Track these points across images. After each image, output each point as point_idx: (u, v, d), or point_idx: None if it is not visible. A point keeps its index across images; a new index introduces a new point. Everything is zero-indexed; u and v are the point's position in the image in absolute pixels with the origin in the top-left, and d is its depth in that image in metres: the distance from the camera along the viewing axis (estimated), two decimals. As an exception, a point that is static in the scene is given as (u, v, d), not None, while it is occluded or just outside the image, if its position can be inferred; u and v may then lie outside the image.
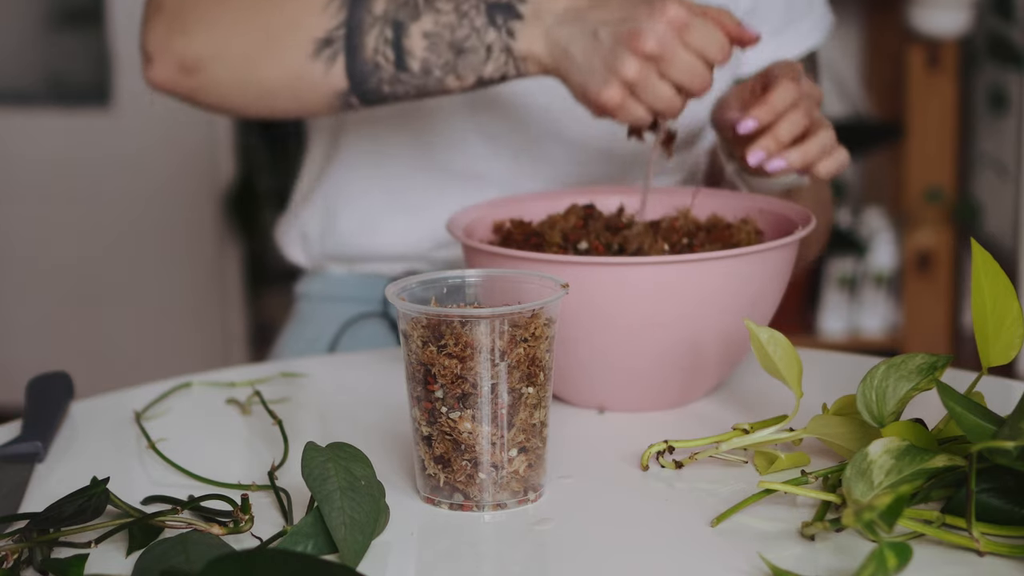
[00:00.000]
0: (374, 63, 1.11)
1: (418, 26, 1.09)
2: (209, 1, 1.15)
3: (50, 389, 1.04)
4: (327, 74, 1.12)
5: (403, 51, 1.10)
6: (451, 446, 0.84)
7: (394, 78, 1.11)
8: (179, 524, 0.80)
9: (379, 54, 1.10)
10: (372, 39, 1.10)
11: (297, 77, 1.13)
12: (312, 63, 1.12)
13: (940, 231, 2.98)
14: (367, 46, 1.10)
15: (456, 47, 1.09)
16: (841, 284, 3.04)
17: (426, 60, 1.10)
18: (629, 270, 0.95)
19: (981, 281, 0.85)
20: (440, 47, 1.09)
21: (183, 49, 1.15)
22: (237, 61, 1.14)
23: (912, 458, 0.79)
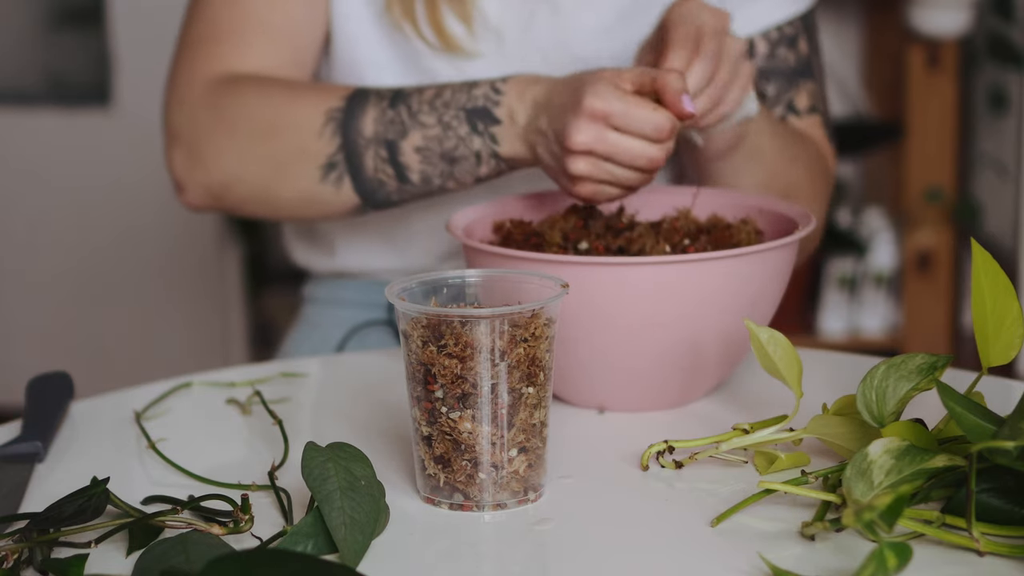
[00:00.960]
0: (377, 180, 1.17)
1: (408, 143, 1.15)
2: (218, 133, 1.21)
3: (50, 389, 1.04)
4: (338, 193, 1.18)
5: (401, 167, 1.15)
6: (451, 446, 0.84)
7: (400, 190, 1.17)
8: (179, 524, 0.80)
9: (380, 172, 1.16)
10: (370, 160, 1.16)
11: (312, 198, 1.20)
12: (322, 185, 1.18)
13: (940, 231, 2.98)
14: (367, 166, 1.16)
15: (448, 157, 1.14)
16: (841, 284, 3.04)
17: (424, 172, 1.15)
18: (629, 270, 0.95)
19: (981, 281, 0.85)
20: (433, 159, 1.15)
21: (205, 179, 1.22)
22: (255, 186, 1.21)
23: (912, 458, 0.79)
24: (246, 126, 1.20)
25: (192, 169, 1.22)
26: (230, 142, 1.20)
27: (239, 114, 1.20)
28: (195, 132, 1.22)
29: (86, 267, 3.14)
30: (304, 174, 1.18)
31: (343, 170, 1.17)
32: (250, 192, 1.21)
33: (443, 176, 1.15)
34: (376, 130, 1.15)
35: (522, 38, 1.25)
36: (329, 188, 1.18)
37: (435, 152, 1.14)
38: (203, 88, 1.22)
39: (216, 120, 1.21)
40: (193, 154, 1.22)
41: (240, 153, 1.20)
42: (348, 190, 1.18)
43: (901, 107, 2.99)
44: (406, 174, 1.15)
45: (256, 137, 1.19)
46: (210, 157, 1.21)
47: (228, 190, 1.22)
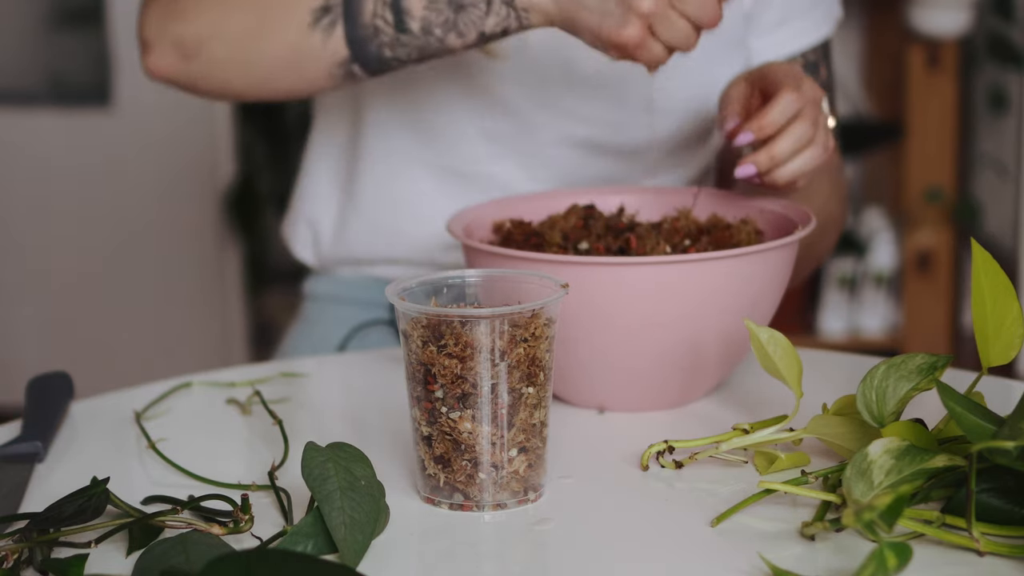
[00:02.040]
0: (373, 27, 1.09)
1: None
2: None
3: (50, 389, 1.04)
4: (327, 43, 1.10)
5: (402, 12, 1.08)
6: (451, 446, 0.84)
7: (395, 41, 1.09)
8: (179, 524, 0.80)
9: (378, 17, 1.09)
10: (370, 2, 1.09)
11: (297, 50, 1.11)
12: (311, 34, 1.10)
13: (940, 231, 2.98)
14: (365, 10, 1.09)
15: (455, 3, 1.07)
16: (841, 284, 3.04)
17: (425, 19, 1.08)
18: (629, 270, 0.95)
19: (981, 281, 0.85)
20: (439, 4, 1.07)
21: (180, 32, 1.13)
22: (236, 39, 1.13)
23: (912, 458, 0.79)
24: None
25: (167, 22, 1.14)
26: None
27: None
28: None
29: (86, 267, 3.14)
30: (293, 19, 1.10)
31: (338, 14, 1.09)
32: (226, 50, 1.13)
33: (445, 26, 1.07)
34: None
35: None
36: (318, 36, 1.10)
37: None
38: None
39: None
40: (172, 6, 1.14)
41: (226, 1, 1.13)
42: (338, 39, 1.10)
43: (901, 107, 2.99)
44: (405, 20, 1.08)
45: None
46: (190, 8, 1.13)
47: (202, 48, 1.13)
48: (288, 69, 1.13)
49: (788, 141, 1.04)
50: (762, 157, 1.04)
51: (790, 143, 1.04)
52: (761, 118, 1.04)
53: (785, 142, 1.04)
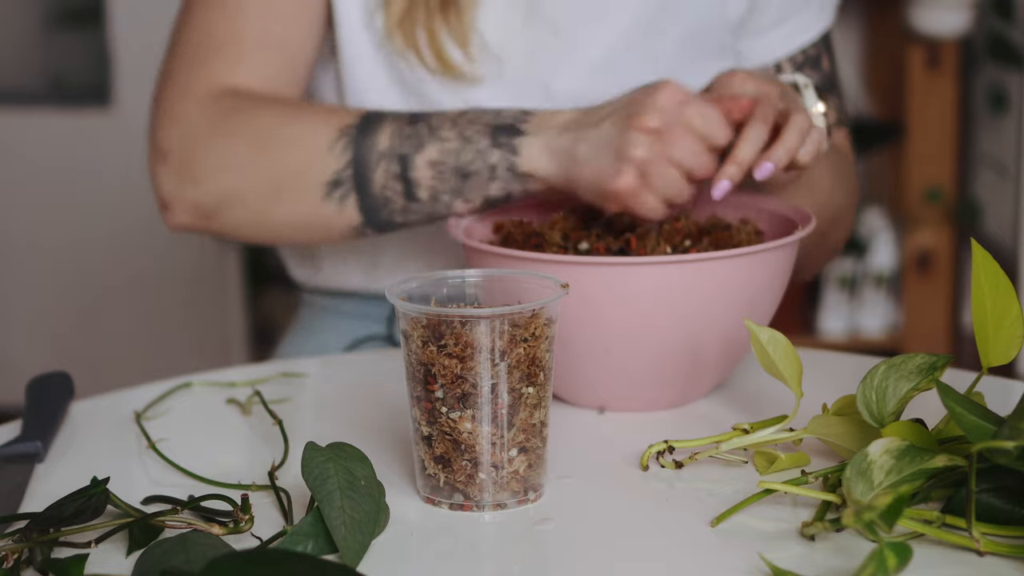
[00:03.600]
0: (384, 197, 1.12)
1: (423, 156, 1.10)
2: (216, 145, 1.15)
3: (50, 389, 1.04)
4: (340, 213, 1.14)
5: (411, 183, 1.11)
6: (451, 446, 0.84)
7: (405, 208, 1.12)
8: (179, 524, 0.80)
9: (388, 189, 1.12)
10: (380, 175, 1.11)
11: (311, 218, 1.15)
12: (324, 204, 1.14)
13: (940, 231, 2.98)
14: (376, 182, 1.12)
15: (461, 172, 1.10)
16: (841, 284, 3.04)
17: (433, 188, 1.11)
18: (629, 270, 0.95)
19: (981, 281, 0.85)
20: (446, 174, 1.10)
21: (197, 197, 1.16)
22: (251, 206, 1.15)
23: (912, 458, 0.79)
24: (249, 139, 1.15)
25: (182, 185, 1.16)
26: (230, 156, 1.15)
27: (242, 127, 1.15)
28: (190, 147, 1.16)
29: (86, 267, 3.14)
30: (307, 192, 1.14)
31: (349, 187, 1.12)
32: (245, 213, 1.16)
33: (452, 193, 1.10)
34: (391, 144, 1.11)
35: (524, 66, 1.22)
36: (332, 207, 1.14)
37: (449, 166, 1.10)
38: (199, 102, 1.17)
39: (215, 133, 1.16)
40: (185, 170, 1.16)
41: (239, 168, 1.15)
42: (351, 208, 1.13)
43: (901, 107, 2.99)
44: (414, 191, 1.11)
45: (259, 150, 1.15)
46: (206, 172, 1.15)
47: (221, 210, 1.16)
48: (303, 232, 1.17)
49: (748, 146, 1.04)
50: (731, 169, 1.04)
51: (750, 147, 1.04)
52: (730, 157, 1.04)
53: (745, 147, 1.04)
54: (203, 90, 1.17)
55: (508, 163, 1.09)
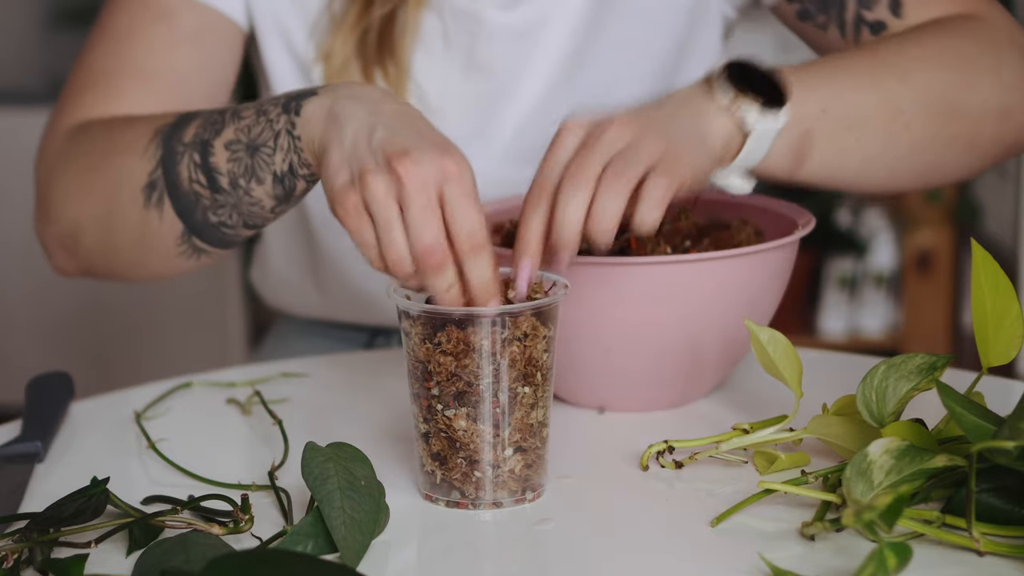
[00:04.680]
0: (193, 193, 1.01)
1: (221, 140, 0.99)
2: (60, 175, 1.10)
3: (50, 389, 1.04)
4: (163, 220, 1.04)
5: (211, 170, 1.00)
6: (447, 444, 0.84)
7: (214, 203, 1.01)
8: (179, 524, 0.80)
9: (194, 182, 1.01)
10: (184, 168, 1.01)
11: (143, 231, 1.05)
12: (148, 212, 1.04)
13: (940, 231, 2.98)
14: (182, 177, 1.02)
15: (252, 147, 0.98)
16: (841, 284, 3.04)
17: (231, 172, 0.99)
18: (629, 270, 0.95)
19: (981, 281, 0.85)
20: (240, 153, 0.99)
21: (55, 231, 1.11)
22: (94, 227, 1.08)
23: (912, 458, 0.79)
24: (82, 161, 1.08)
25: (45, 224, 1.12)
26: (68, 181, 1.09)
27: (77, 152, 1.09)
28: (45, 184, 1.11)
29: (86, 267, 3.14)
30: (130, 202, 1.04)
31: (161, 187, 1.02)
32: (92, 238, 1.08)
33: (246, 175, 0.98)
34: (196, 133, 1.01)
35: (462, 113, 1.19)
36: (154, 215, 1.03)
37: (242, 144, 0.98)
38: (60, 138, 1.12)
39: (61, 165, 1.10)
40: (44, 207, 1.11)
41: (77, 191, 1.08)
42: (169, 213, 1.03)
43: (901, 107, 2.99)
44: (216, 179, 0.99)
45: (89, 169, 1.07)
46: (54, 205, 1.10)
47: (75, 240, 1.09)
48: (143, 250, 1.07)
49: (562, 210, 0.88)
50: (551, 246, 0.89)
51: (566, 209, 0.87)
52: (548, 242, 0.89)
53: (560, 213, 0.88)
54: (71, 120, 1.12)
55: (290, 126, 0.96)
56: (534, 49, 1.21)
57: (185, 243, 1.05)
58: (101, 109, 1.12)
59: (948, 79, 1.05)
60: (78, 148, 1.10)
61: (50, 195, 1.11)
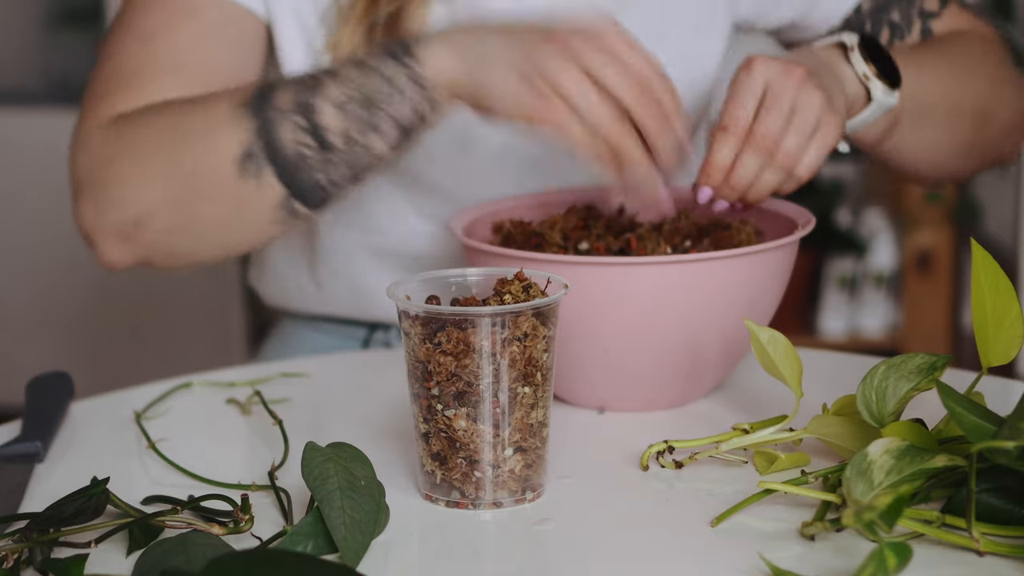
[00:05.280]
0: (298, 155, 1.03)
1: (327, 100, 1.02)
2: (117, 160, 1.09)
3: (50, 389, 1.04)
4: (260, 189, 1.04)
5: (320, 130, 1.02)
6: (447, 444, 0.84)
7: (324, 161, 1.03)
8: (179, 524, 0.80)
9: (300, 145, 1.03)
10: (288, 132, 1.03)
11: (234, 203, 1.06)
12: (242, 184, 1.04)
13: (940, 231, 2.98)
14: (286, 141, 1.03)
15: (366, 101, 1.01)
16: (841, 284, 3.04)
17: (344, 129, 1.02)
18: (629, 270, 0.95)
19: (981, 281, 0.85)
20: (352, 110, 1.01)
21: (114, 219, 1.09)
22: (170, 207, 1.07)
23: (912, 458, 0.79)
24: (147, 142, 1.08)
25: (100, 213, 1.09)
26: (130, 166, 1.08)
27: (141, 135, 1.08)
28: (97, 172, 1.10)
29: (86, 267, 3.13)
30: (221, 176, 1.04)
31: (261, 157, 1.03)
32: (166, 221, 1.08)
33: (363, 128, 1.01)
34: (293, 98, 1.03)
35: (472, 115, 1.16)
36: (250, 185, 1.04)
37: (355, 100, 1.01)
38: (103, 128, 1.11)
39: (117, 150, 1.09)
40: (98, 196, 1.09)
41: (147, 173, 1.07)
42: (270, 180, 1.04)
43: (901, 107, 2.99)
44: (326, 137, 1.02)
45: (160, 150, 1.07)
46: (113, 192, 1.08)
47: (142, 226, 1.08)
48: (231, 224, 1.08)
49: (742, 172, 1.00)
50: (726, 192, 1.02)
51: (745, 174, 1.00)
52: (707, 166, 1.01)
53: (739, 173, 1.00)
54: (106, 116, 1.12)
55: (411, 74, 1.00)
56: None
57: (284, 209, 1.06)
58: (137, 103, 1.12)
59: (990, 95, 1.23)
60: (136, 131, 1.09)
61: (106, 183, 1.09)
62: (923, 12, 1.24)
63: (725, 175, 1.01)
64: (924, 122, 1.17)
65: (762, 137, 0.99)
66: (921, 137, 1.18)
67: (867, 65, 1.07)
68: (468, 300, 0.87)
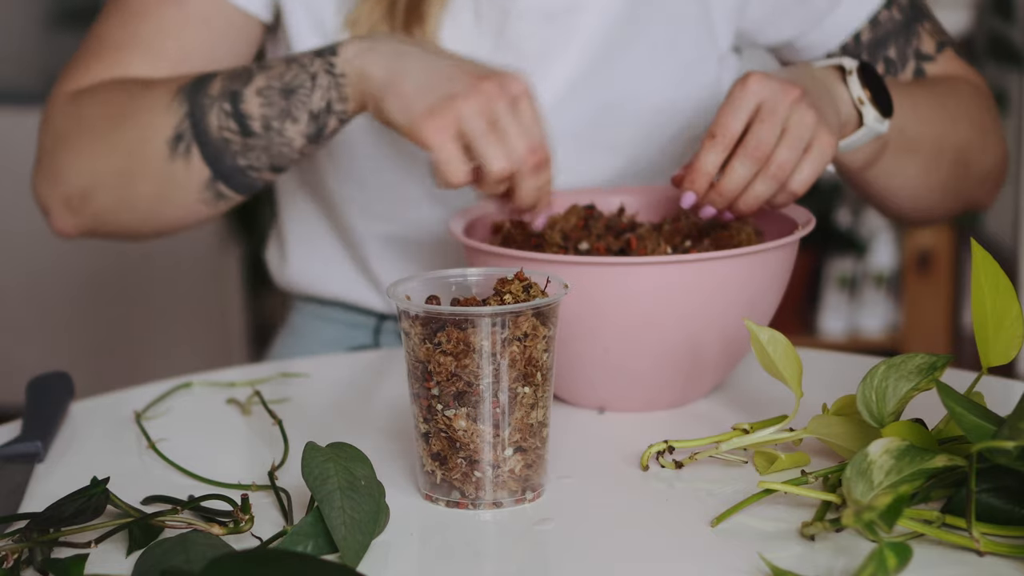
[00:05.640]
0: (222, 139, 1.10)
1: (251, 88, 1.09)
2: (72, 134, 1.15)
3: (50, 389, 1.04)
4: (188, 169, 1.12)
5: (243, 116, 1.09)
6: (447, 444, 0.84)
7: (244, 146, 1.10)
8: (179, 524, 0.80)
9: (224, 129, 1.10)
10: (215, 117, 1.10)
11: (166, 181, 1.13)
12: (172, 162, 1.12)
13: (940, 231, 2.98)
14: (211, 125, 1.10)
15: (287, 90, 1.08)
16: (841, 284, 3.04)
17: (264, 116, 1.09)
18: (629, 270, 0.95)
19: (981, 281, 0.85)
20: (273, 97, 1.09)
21: (63, 190, 1.16)
22: (111, 183, 1.14)
23: (912, 458, 0.79)
24: (97, 120, 1.14)
25: (51, 184, 1.17)
26: (81, 140, 1.15)
27: (91, 111, 1.15)
28: (52, 145, 1.17)
29: (86, 267, 3.14)
30: (153, 156, 1.12)
31: (189, 137, 1.10)
32: (107, 196, 1.15)
33: (281, 116, 1.08)
34: (223, 86, 1.10)
35: None
36: (179, 165, 1.11)
37: (275, 89, 1.08)
38: (67, 100, 1.17)
39: (72, 124, 1.16)
40: (52, 167, 1.17)
41: (94, 148, 1.14)
42: (197, 161, 1.11)
43: (901, 107, 2.99)
44: (248, 123, 1.09)
45: (106, 128, 1.14)
46: (64, 164, 1.16)
47: (87, 199, 1.15)
48: (163, 201, 1.15)
49: (731, 179, 1.02)
50: (713, 197, 1.03)
51: (734, 180, 1.02)
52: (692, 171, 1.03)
53: (728, 179, 1.02)
54: (74, 85, 1.18)
55: (327, 65, 1.07)
56: (565, 35, 1.21)
57: (209, 190, 1.13)
58: (103, 76, 1.17)
59: (973, 141, 1.25)
60: (91, 109, 1.15)
61: (59, 155, 1.16)
62: (919, 54, 1.26)
63: (710, 181, 1.03)
64: (907, 156, 1.18)
65: (754, 147, 1.01)
66: (902, 170, 1.19)
67: (863, 90, 1.08)
68: (468, 300, 0.87)
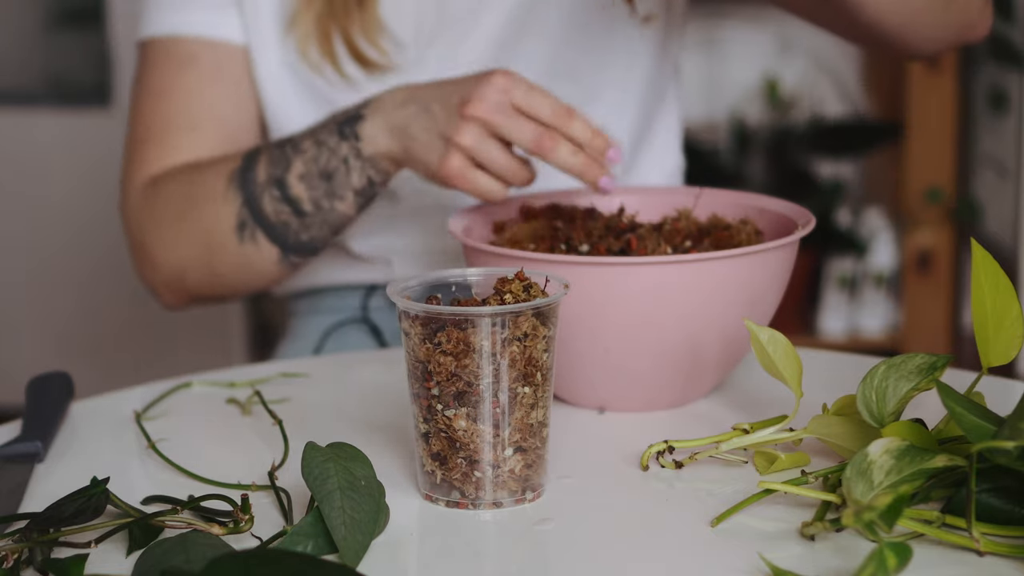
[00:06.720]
0: (281, 223, 1.18)
1: (293, 174, 1.16)
2: (151, 230, 1.25)
3: (50, 389, 1.04)
4: (258, 249, 1.20)
5: (294, 201, 1.17)
6: (447, 444, 0.85)
7: (302, 225, 1.18)
8: (179, 524, 0.80)
9: (280, 213, 1.18)
10: (268, 204, 1.18)
11: (244, 263, 1.22)
12: (243, 247, 1.21)
13: (940, 231, 2.98)
14: (268, 211, 1.18)
15: (325, 174, 1.15)
16: (841, 284, 3.04)
17: (313, 199, 1.17)
18: (629, 270, 0.95)
19: (981, 281, 0.85)
20: (314, 181, 1.16)
21: (160, 275, 1.27)
22: (197, 266, 1.24)
23: (912, 458, 0.79)
24: (170, 212, 1.23)
25: (150, 272, 1.27)
26: (162, 232, 1.24)
27: (162, 204, 1.23)
28: (139, 237, 1.26)
29: (86, 267, 3.14)
30: (226, 242, 1.20)
31: (252, 224, 1.19)
32: (198, 276, 1.24)
33: (328, 197, 1.16)
34: (268, 173, 1.17)
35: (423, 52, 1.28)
36: (250, 248, 1.20)
37: (314, 174, 1.16)
38: (138, 192, 1.26)
39: (149, 217, 1.25)
40: (144, 258, 1.27)
41: (172, 240, 1.23)
42: (265, 243, 1.20)
43: (901, 107, 2.99)
44: (300, 207, 1.17)
45: (178, 219, 1.22)
46: (155, 254, 1.25)
47: (182, 280, 1.25)
48: (246, 274, 1.23)
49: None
50: None
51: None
52: None
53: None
54: (141, 179, 1.26)
55: (355, 151, 1.14)
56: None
57: (285, 263, 1.22)
58: (163, 162, 1.26)
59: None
60: (160, 203, 1.24)
61: (148, 246, 1.26)
62: None
63: None
64: None
65: None
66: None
67: None
68: (468, 300, 0.87)
